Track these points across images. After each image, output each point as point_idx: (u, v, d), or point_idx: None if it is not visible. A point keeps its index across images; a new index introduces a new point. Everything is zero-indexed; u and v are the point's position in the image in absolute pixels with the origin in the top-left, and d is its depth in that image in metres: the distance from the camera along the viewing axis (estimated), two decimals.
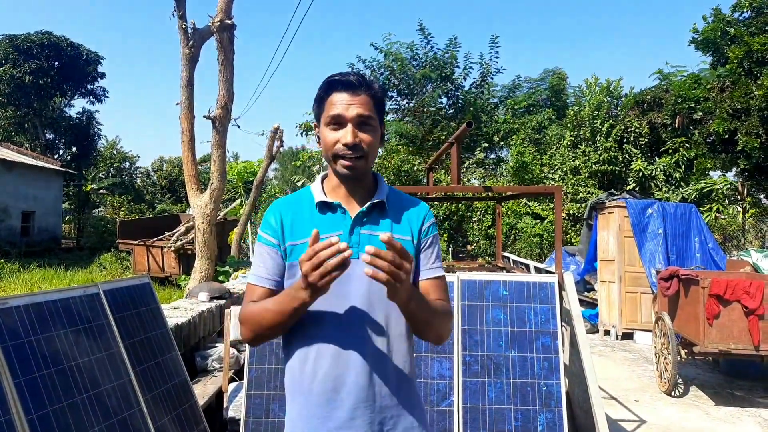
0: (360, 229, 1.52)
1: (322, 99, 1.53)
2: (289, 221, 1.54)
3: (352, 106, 1.47)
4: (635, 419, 5.20)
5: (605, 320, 9.17)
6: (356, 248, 1.47)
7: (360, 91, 1.49)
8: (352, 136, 1.46)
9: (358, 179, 1.54)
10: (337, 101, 1.48)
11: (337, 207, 1.54)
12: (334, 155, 1.49)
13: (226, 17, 7.18)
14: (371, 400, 1.47)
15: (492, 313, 3.59)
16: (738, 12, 13.91)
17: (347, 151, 1.47)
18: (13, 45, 26.83)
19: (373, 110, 1.50)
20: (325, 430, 1.47)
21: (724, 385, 6.37)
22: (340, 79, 1.51)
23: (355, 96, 1.48)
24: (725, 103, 12.51)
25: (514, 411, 3.35)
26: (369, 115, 1.49)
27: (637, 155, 14.54)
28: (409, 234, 1.55)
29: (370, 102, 1.50)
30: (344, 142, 1.46)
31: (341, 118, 1.48)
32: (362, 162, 1.49)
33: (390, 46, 17.28)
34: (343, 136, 1.47)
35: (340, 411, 1.46)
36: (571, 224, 14.78)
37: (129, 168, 37.87)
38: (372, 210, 1.54)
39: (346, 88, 1.49)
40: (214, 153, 7.56)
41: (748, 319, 5.33)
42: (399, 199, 1.62)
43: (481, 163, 18.10)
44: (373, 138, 1.51)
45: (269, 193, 31.28)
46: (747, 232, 12.98)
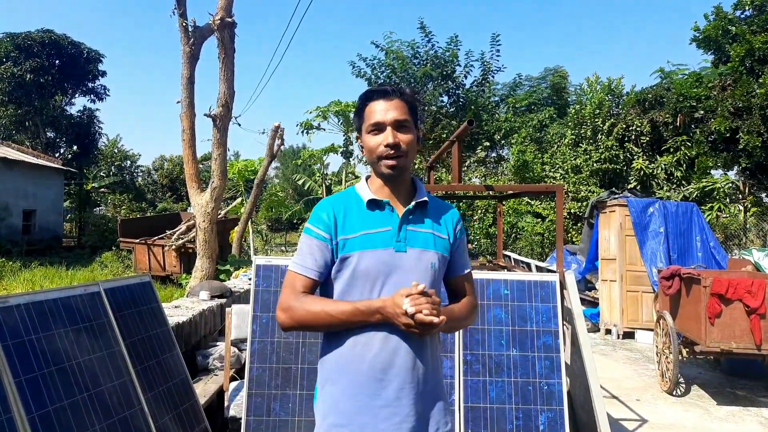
0: (407, 226, 1.68)
1: (362, 110, 1.70)
2: (342, 217, 1.68)
3: (389, 111, 1.64)
4: (637, 418, 5.20)
5: (606, 319, 9.16)
6: (403, 243, 1.65)
7: (393, 97, 1.66)
8: (393, 137, 1.63)
9: (400, 178, 1.70)
10: (375, 109, 1.66)
11: (385, 205, 1.70)
12: (378, 157, 1.65)
13: (227, 15, 7.17)
14: (415, 382, 1.62)
15: (493, 312, 3.58)
16: (740, 10, 13.88)
17: (390, 152, 1.63)
18: (14, 43, 26.83)
19: (407, 113, 1.67)
20: (373, 406, 1.59)
21: (725, 385, 6.37)
22: (375, 89, 1.70)
23: (389, 102, 1.65)
24: (727, 101, 12.49)
25: (516, 410, 3.34)
26: (405, 117, 1.65)
27: (638, 154, 14.52)
28: (446, 234, 1.74)
29: (405, 106, 1.67)
30: (385, 143, 1.63)
31: (380, 124, 1.64)
32: (403, 160, 1.65)
33: (391, 44, 17.27)
34: (384, 139, 1.63)
35: (388, 390, 1.59)
36: (573, 223, 14.76)
37: (130, 166, 37.90)
38: (416, 208, 1.71)
39: (381, 97, 1.66)
40: (215, 151, 7.55)
41: (749, 318, 5.32)
42: (435, 201, 1.80)
43: (482, 161, 18.08)
44: (410, 137, 1.67)
45: (270, 191, 31.29)
46: (748, 231, 12.96)
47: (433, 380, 1.68)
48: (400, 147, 1.64)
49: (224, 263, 9.89)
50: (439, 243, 1.71)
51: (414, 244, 1.66)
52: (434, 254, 1.68)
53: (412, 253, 1.65)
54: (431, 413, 1.65)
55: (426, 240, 1.68)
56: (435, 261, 1.67)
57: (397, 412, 1.58)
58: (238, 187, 29.67)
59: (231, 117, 7.71)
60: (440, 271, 1.71)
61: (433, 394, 1.67)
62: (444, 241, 1.72)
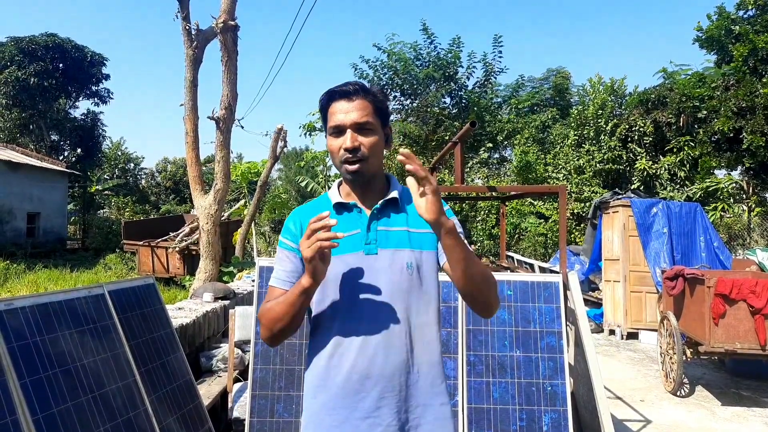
0: (377, 225, 1.59)
1: (324, 110, 1.61)
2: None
3: (349, 113, 1.54)
4: (641, 419, 5.19)
5: (610, 320, 9.14)
6: (374, 244, 1.56)
7: (356, 97, 1.55)
8: (351, 140, 1.53)
9: (366, 181, 1.60)
10: (336, 110, 1.56)
11: (353, 207, 1.62)
12: (340, 161, 1.57)
13: (230, 18, 7.19)
14: (397, 390, 1.52)
15: (497, 313, 3.58)
16: (743, 10, 13.86)
17: (349, 155, 1.54)
18: (18, 47, 26.94)
19: (371, 114, 1.56)
20: (352, 419, 1.52)
21: (730, 385, 6.35)
22: (337, 89, 1.59)
23: (351, 103, 1.55)
24: (730, 101, 12.46)
25: (519, 411, 3.34)
26: (366, 120, 1.55)
27: (641, 154, 14.49)
28: (428, 226, 1.54)
29: (369, 106, 1.56)
30: (344, 147, 1.54)
31: (340, 127, 1.55)
32: (365, 164, 1.55)
33: (393, 46, 17.27)
34: (343, 142, 1.54)
35: (366, 401, 1.51)
36: (576, 223, 14.74)
37: (133, 169, 38.00)
38: (386, 206, 1.61)
39: (342, 97, 1.56)
40: (218, 154, 7.57)
41: (754, 318, 5.30)
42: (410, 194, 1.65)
43: (484, 162, 18.07)
44: (373, 140, 1.56)
45: (273, 193, 31.31)
46: (752, 231, 12.92)
47: (424, 383, 1.56)
48: (359, 150, 1.54)
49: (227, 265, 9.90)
50: (416, 239, 1.58)
51: (386, 245, 1.56)
52: (409, 253, 1.56)
53: (384, 254, 1.55)
54: (423, 419, 1.54)
55: (399, 239, 1.57)
56: (411, 260, 1.56)
57: (378, 422, 1.50)
58: (241, 189, 29.72)
59: (234, 119, 7.72)
60: (424, 269, 1.58)
61: (423, 398, 1.55)
62: (423, 236, 1.59)
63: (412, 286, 1.55)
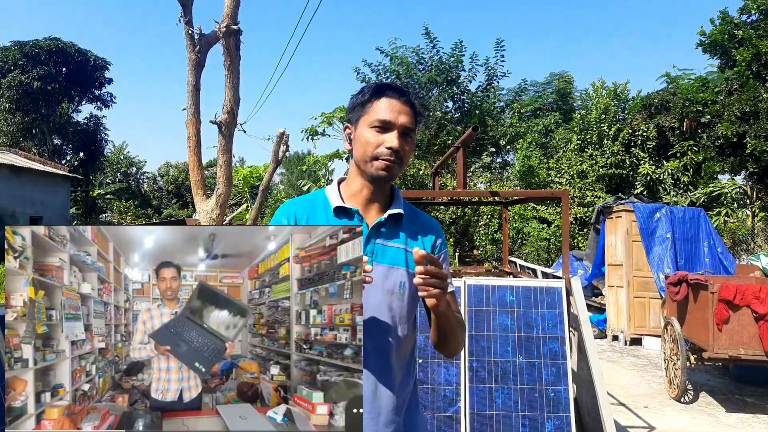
0: (375, 239, 1.52)
1: (370, 101, 1.53)
2: (304, 223, 1.54)
3: (401, 114, 1.50)
4: (644, 426, 5.15)
5: (613, 325, 9.10)
6: (370, 257, 1.47)
7: (408, 100, 1.53)
8: (399, 142, 1.49)
9: (384, 185, 1.56)
10: (387, 106, 1.50)
11: (354, 214, 1.54)
12: (374, 157, 1.49)
13: (233, 23, 7.21)
14: (376, 413, 1.46)
15: (499, 319, 3.56)
16: (746, 15, 13.86)
17: (390, 156, 1.48)
18: (22, 51, 27.07)
19: (414, 123, 1.54)
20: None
21: (734, 391, 6.31)
22: (393, 85, 1.54)
23: (405, 105, 1.51)
24: (733, 106, 12.44)
25: (522, 417, 3.32)
26: (412, 127, 1.53)
27: (644, 159, 14.48)
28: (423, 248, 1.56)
29: (414, 115, 1.54)
30: (390, 145, 1.48)
31: (389, 124, 1.49)
32: (398, 168, 1.51)
33: (396, 50, 17.31)
34: (389, 140, 1.48)
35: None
36: (579, 228, 14.71)
37: (136, 173, 38.10)
38: (388, 220, 1.54)
39: (397, 95, 1.52)
40: (221, 158, 7.58)
41: (758, 324, 5.27)
42: (413, 213, 1.63)
43: (487, 167, 18.06)
44: (410, 149, 1.54)
45: (275, 197, 31.35)
46: (756, 236, 12.87)
47: (402, 407, 1.53)
48: (401, 154, 1.50)
49: None
50: (412, 259, 1.47)
51: (382, 260, 1.49)
52: (404, 272, 1.51)
53: (378, 269, 1.46)
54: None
55: (396, 256, 1.51)
56: (405, 280, 1.50)
57: None
58: (243, 193, 29.78)
59: (236, 123, 7.74)
60: (414, 291, 1.50)
61: (401, 422, 1.52)
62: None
63: (400, 306, 1.51)
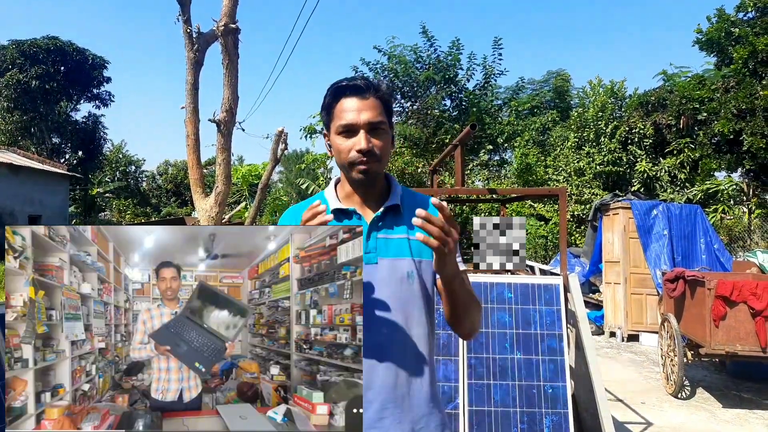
0: (377, 234, 1.51)
1: (331, 106, 1.51)
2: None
3: (362, 112, 1.46)
4: (642, 422, 5.18)
5: (610, 322, 9.13)
6: (374, 253, 1.47)
7: (368, 95, 1.47)
8: (366, 142, 1.44)
9: (372, 184, 1.54)
10: (346, 108, 1.47)
11: (352, 213, 1.53)
12: (350, 163, 1.47)
13: (231, 21, 7.21)
14: (400, 400, 1.46)
15: (497, 316, 3.58)
16: (742, 12, 13.86)
17: (362, 158, 1.45)
18: (20, 50, 27.01)
19: (383, 113, 1.49)
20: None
21: (731, 387, 6.34)
22: (347, 84, 1.49)
23: (364, 101, 1.47)
24: (730, 103, 12.46)
25: (520, 414, 3.34)
26: (380, 119, 1.47)
27: (641, 156, 14.50)
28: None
29: (380, 105, 1.49)
30: (358, 148, 1.45)
31: (353, 126, 1.46)
32: (377, 165, 1.48)
33: (393, 48, 17.29)
34: (356, 143, 1.45)
35: (368, 412, 1.43)
36: (576, 226, 14.74)
37: (134, 172, 38.03)
38: (386, 213, 1.53)
39: (354, 94, 1.47)
40: (219, 156, 7.59)
41: (754, 320, 5.30)
42: (413, 200, 1.60)
43: (485, 165, 18.08)
44: (385, 142, 1.49)
45: (274, 196, 31.34)
46: (753, 233, 12.90)
47: (422, 394, 1.52)
48: (374, 152, 1.46)
49: None
50: (416, 247, 1.51)
51: (386, 254, 1.49)
52: (410, 262, 1.50)
53: (383, 263, 1.47)
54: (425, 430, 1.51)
55: (399, 247, 1.50)
56: (412, 269, 1.49)
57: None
58: (242, 192, 29.77)
59: (235, 122, 7.75)
60: (423, 278, 1.52)
61: (423, 408, 1.51)
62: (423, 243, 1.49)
63: (411, 296, 1.49)
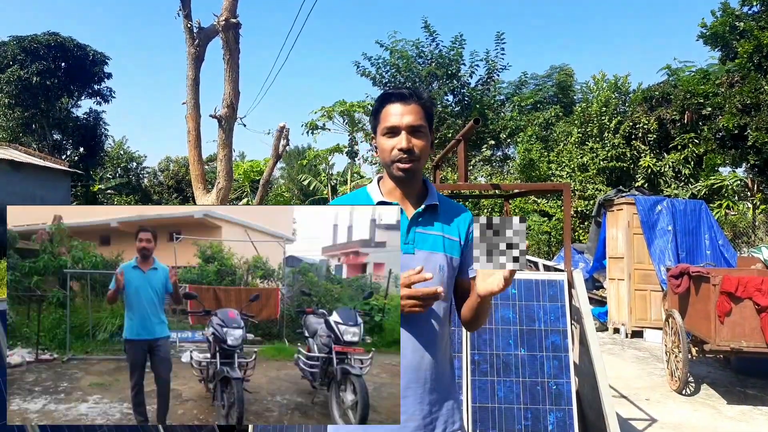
0: (415, 228, 1.69)
1: (378, 112, 1.71)
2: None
3: (405, 115, 1.65)
4: (646, 418, 5.16)
5: (615, 318, 9.10)
6: (412, 245, 1.67)
7: (410, 101, 1.66)
8: (407, 141, 1.63)
9: (412, 181, 1.72)
10: (391, 112, 1.66)
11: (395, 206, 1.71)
12: (392, 161, 1.66)
13: (232, 16, 7.17)
14: (422, 380, 1.63)
15: (501, 312, 3.55)
16: (747, 6, 13.76)
17: (403, 156, 1.64)
18: (20, 46, 26.99)
19: (423, 118, 1.67)
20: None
21: (735, 384, 6.31)
22: (394, 92, 1.70)
23: (406, 106, 1.66)
24: (735, 98, 12.39)
25: (524, 410, 3.31)
26: (420, 123, 1.66)
27: (645, 151, 14.44)
28: (458, 236, 1.75)
29: (421, 111, 1.67)
30: (399, 147, 1.63)
31: (395, 128, 1.65)
32: (416, 164, 1.66)
33: (395, 44, 17.26)
34: (398, 143, 1.64)
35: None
36: (580, 221, 14.70)
37: (136, 168, 38.00)
38: (425, 211, 1.72)
39: (398, 100, 1.67)
40: (221, 152, 7.57)
41: (759, 316, 5.26)
42: (447, 204, 1.82)
43: (488, 160, 18.05)
44: (424, 143, 1.67)
45: (275, 192, 31.34)
46: (757, 229, 12.86)
47: (442, 379, 1.69)
48: (414, 152, 1.65)
49: None
50: (449, 245, 1.72)
51: (422, 246, 1.68)
52: (443, 256, 1.69)
53: (420, 254, 1.66)
54: (440, 413, 1.66)
55: (435, 242, 1.70)
56: (443, 263, 1.68)
57: (403, 410, 1.61)
58: (243, 188, 29.75)
59: (236, 118, 7.72)
60: (450, 274, 1.71)
61: (441, 392, 1.68)
62: (454, 243, 1.74)
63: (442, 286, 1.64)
